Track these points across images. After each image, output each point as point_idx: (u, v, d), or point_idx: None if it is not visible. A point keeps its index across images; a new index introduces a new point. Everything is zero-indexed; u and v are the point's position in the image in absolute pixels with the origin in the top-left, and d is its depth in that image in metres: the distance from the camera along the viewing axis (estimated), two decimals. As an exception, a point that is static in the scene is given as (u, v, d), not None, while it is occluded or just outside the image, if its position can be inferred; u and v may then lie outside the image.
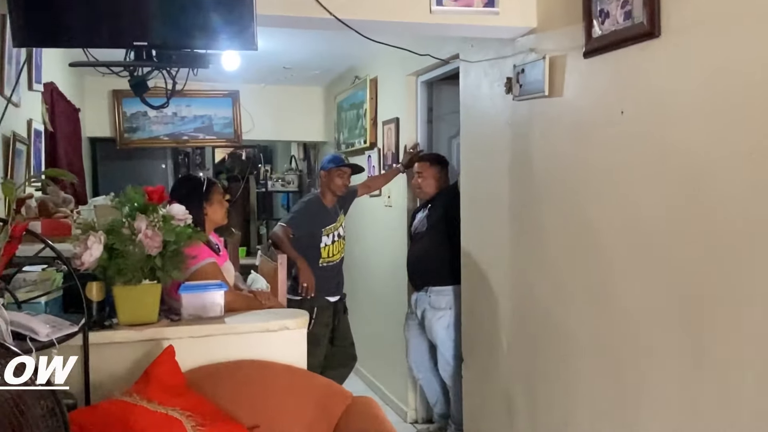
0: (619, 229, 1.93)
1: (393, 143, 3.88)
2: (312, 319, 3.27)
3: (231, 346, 1.89)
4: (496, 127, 2.63)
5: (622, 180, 1.91)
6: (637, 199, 1.85)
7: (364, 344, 3.93)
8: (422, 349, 3.32)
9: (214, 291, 1.96)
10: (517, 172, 2.51)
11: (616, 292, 1.95)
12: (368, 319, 4.30)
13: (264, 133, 5.39)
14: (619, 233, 1.93)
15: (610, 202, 1.97)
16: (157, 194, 1.85)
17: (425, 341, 3.28)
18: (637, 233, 1.85)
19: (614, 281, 1.96)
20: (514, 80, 2.43)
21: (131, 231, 1.78)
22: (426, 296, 3.19)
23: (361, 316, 4.19)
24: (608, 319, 1.99)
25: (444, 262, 3.13)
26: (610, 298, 1.98)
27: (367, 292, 4.36)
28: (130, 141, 4.93)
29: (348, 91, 4.70)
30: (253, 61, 4.18)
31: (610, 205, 1.97)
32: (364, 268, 4.46)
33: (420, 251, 3.29)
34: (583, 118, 2.08)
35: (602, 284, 2.01)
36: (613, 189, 1.95)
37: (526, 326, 2.47)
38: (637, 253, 1.85)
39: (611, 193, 1.96)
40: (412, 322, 3.33)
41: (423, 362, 3.33)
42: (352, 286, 3.99)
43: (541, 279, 2.35)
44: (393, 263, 3.88)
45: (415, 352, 3.35)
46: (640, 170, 1.83)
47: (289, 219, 3.41)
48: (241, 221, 6.05)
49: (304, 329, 2.01)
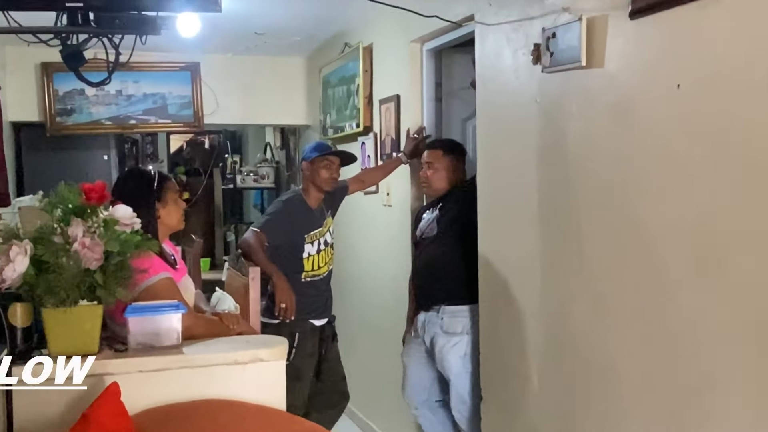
0: (677, 233, 1.93)
1: (393, 127, 3.88)
2: (293, 347, 3.28)
3: (191, 382, 1.90)
4: (520, 107, 2.63)
5: (681, 172, 1.91)
6: (699, 196, 1.85)
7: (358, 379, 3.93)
8: (423, 378, 3.32)
9: (170, 313, 1.96)
10: (547, 162, 2.51)
11: (673, 314, 1.95)
12: (363, 348, 4.30)
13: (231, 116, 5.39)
14: (676, 239, 1.93)
15: (665, 199, 1.97)
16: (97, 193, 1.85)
17: (430, 371, 3.29)
18: (701, 239, 1.85)
19: (671, 300, 1.96)
20: (543, 47, 2.44)
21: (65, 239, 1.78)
22: (437, 318, 3.19)
23: (354, 344, 4.19)
24: (663, 347, 1.99)
25: (459, 276, 3.13)
26: (665, 321, 1.98)
27: (361, 313, 4.36)
28: (63, 126, 4.93)
29: (336, 62, 4.70)
30: (217, 26, 4.18)
31: (665, 203, 1.97)
32: (357, 284, 4.46)
33: (427, 261, 3.29)
34: (630, 95, 2.09)
35: (656, 303, 2.01)
36: (669, 183, 1.95)
37: (560, 355, 2.47)
38: (700, 264, 1.85)
39: (667, 188, 1.96)
40: (416, 346, 3.33)
41: (422, 395, 3.34)
42: (343, 307, 3.99)
43: (579, 296, 2.35)
44: (394, 277, 3.88)
45: (413, 381, 3.36)
46: (702, 159, 1.83)
47: (263, 223, 3.42)
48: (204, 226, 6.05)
49: (282, 361, 2.02)
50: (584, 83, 2.28)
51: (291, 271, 3.33)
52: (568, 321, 2.42)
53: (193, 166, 6.51)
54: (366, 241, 4.41)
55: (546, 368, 2.57)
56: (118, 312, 1.98)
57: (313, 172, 3.47)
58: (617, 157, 2.15)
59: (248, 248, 3.27)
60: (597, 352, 2.27)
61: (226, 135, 7.16)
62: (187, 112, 5.17)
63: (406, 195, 3.81)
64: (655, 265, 2.01)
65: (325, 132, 4.94)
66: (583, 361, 2.34)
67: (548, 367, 2.55)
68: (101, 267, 1.80)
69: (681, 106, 1.89)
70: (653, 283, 2.02)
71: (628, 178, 2.11)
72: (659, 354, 2.00)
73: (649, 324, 2.04)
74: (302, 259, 3.41)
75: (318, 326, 3.45)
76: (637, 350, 2.09)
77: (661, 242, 1.99)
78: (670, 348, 1.97)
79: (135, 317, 1.93)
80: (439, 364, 3.20)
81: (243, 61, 5.29)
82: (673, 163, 1.94)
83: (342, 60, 4.58)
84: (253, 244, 3.27)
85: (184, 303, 2.12)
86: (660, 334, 2.00)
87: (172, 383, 1.88)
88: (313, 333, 3.42)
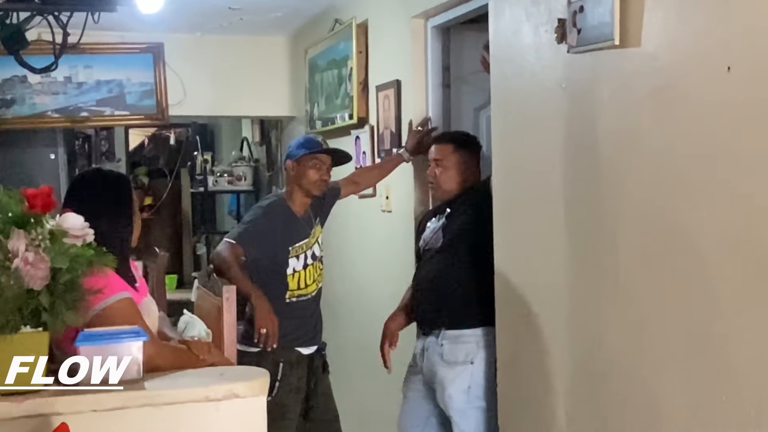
0: (729, 243, 1.93)
1: (392, 118, 3.89)
2: (276, 381, 3.28)
3: (154, 422, 1.89)
4: (543, 93, 2.63)
5: (732, 169, 1.91)
6: (755, 198, 1.85)
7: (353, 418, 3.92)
8: (421, 411, 3.33)
9: (129, 341, 1.96)
10: (575, 159, 2.52)
11: (725, 339, 1.95)
12: (359, 381, 4.30)
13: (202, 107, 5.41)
14: (728, 250, 1.93)
15: (715, 202, 1.97)
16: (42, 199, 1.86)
17: (429, 404, 3.29)
18: (758, 250, 1.85)
19: (723, 323, 1.95)
20: (568, 23, 2.44)
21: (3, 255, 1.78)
22: (436, 344, 3.19)
23: (348, 377, 4.19)
24: (714, 379, 1.98)
25: (467, 295, 3.14)
26: (715, 348, 1.98)
27: (355, 340, 4.36)
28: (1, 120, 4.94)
29: (325, 42, 4.71)
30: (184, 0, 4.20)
31: (715, 207, 1.97)
32: (350, 305, 4.46)
33: (429, 277, 3.28)
34: (671, 79, 2.09)
35: (704, 327, 2.01)
36: (721, 183, 1.95)
37: (591, 389, 2.47)
38: (759, 280, 1.86)
39: (717, 189, 1.97)
40: (415, 377, 3.34)
41: (417, 430, 3.33)
42: (335, 332, 3.99)
43: (615, 318, 2.35)
44: (394, 296, 3.87)
45: (409, 413, 3.37)
46: (757, 154, 1.83)
47: (239, 233, 3.42)
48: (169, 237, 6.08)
49: (263, 396, 2.01)
50: (617, 65, 2.28)
51: (273, 290, 3.33)
52: (601, 348, 2.42)
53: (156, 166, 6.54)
54: (361, 254, 4.41)
55: (575, 404, 2.56)
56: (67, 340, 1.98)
57: (300, 172, 3.47)
58: (657, 152, 2.15)
59: (221, 263, 3.27)
60: (634, 386, 2.26)
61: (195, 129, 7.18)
62: (148, 102, 5.18)
63: (408, 198, 3.81)
64: (704, 281, 2.01)
65: (313, 125, 4.95)
66: (618, 396, 2.34)
67: (577, 403, 2.55)
68: (47, 287, 1.79)
69: (732, 92, 1.89)
70: (701, 303, 2.02)
71: (671, 177, 2.11)
72: (709, 387, 2.00)
73: (697, 352, 2.04)
74: (286, 275, 3.41)
75: (306, 355, 3.45)
76: (682, 383, 2.09)
77: (710, 254, 1.99)
78: (721, 380, 1.96)
79: (87, 346, 1.92)
80: (439, 398, 3.20)
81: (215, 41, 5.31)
82: (723, 159, 1.94)
83: (332, 39, 4.59)
84: (228, 257, 3.27)
85: (146, 329, 2.12)
86: (710, 363, 2.00)
87: (131, 424, 1.87)
88: (300, 363, 3.42)
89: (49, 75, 4.68)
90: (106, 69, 5.08)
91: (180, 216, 6.44)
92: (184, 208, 6.42)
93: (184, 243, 6.49)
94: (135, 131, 7.08)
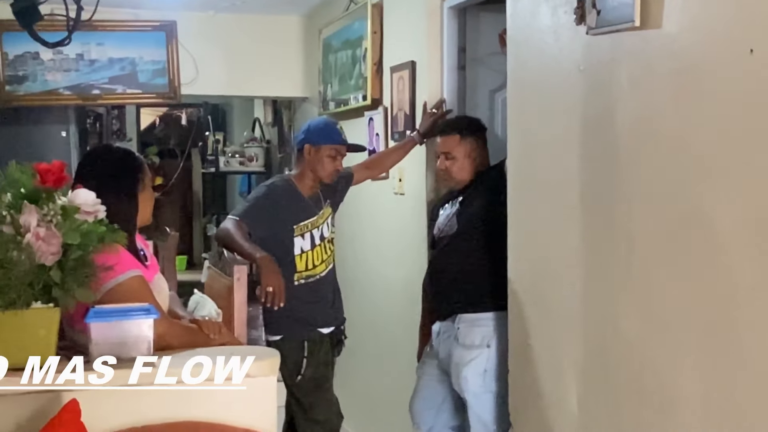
0: (751, 230, 1.92)
1: (407, 100, 3.88)
2: (303, 357, 3.38)
3: (164, 401, 1.90)
4: (561, 76, 2.62)
5: (755, 155, 1.90)
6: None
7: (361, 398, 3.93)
8: (435, 395, 3.35)
9: (140, 319, 1.97)
10: (592, 143, 2.51)
11: (744, 327, 1.94)
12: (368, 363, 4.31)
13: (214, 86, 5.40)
14: (750, 237, 1.92)
15: (735, 187, 1.96)
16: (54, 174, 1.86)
17: (443, 388, 3.32)
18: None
19: (742, 310, 1.95)
20: (588, 4, 2.43)
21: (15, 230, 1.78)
22: (453, 328, 3.21)
23: (359, 359, 4.20)
24: (732, 366, 1.98)
25: (482, 280, 3.15)
26: (734, 335, 1.97)
27: (366, 323, 4.37)
28: (13, 96, 4.95)
29: (339, 22, 4.70)
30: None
31: (735, 192, 1.96)
32: (361, 289, 4.47)
33: (444, 264, 3.30)
34: (693, 61, 2.07)
35: (722, 314, 2.00)
36: (741, 167, 1.94)
37: (605, 375, 2.47)
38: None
39: (737, 173, 1.95)
40: (431, 360, 3.36)
41: (430, 413, 3.36)
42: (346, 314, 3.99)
43: (631, 307, 2.34)
44: (406, 279, 3.88)
45: (423, 396, 3.40)
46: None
47: (243, 210, 3.42)
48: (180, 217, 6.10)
49: (273, 376, 2.02)
50: (638, 47, 2.27)
51: (281, 271, 3.33)
52: (616, 337, 2.41)
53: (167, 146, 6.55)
54: (372, 237, 4.41)
55: (588, 390, 2.56)
56: (77, 316, 1.99)
57: (316, 159, 3.48)
58: (677, 137, 2.14)
59: (226, 235, 3.29)
60: (648, 373, 2.26)
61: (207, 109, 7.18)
62: (160, 80, 5.17)
63: (421, 181, 3.80)
64: (724, 268, 2.00)
65: (326, 106, 4.94)
66: (632, 383, 2.33)
67: (590, 389, 2.55)
68: (58, 263, 1.80)
69: (754, 74, 1.88)
70: (719, 290, 2.01)
71: (690, 161, 2.09)
72: (727, 374, 2.00)
73: (715, 339, 2.03)
74: (294, 257, 3.43)
75: (326, 333, 3.54)
76: (697, 372, 2.09)
77: (730, 240, 1.98)
78: (738, 369, 1.96)
79: (98, 323, 1.93)
80: (454, 381, 3.21)
81: (228, 20, 5.29)
82: (744, 143, 1.92)
83: (346, 19, 4.58)
84: (232, 232, 3.27)
85: (157, 306, 2.13)
86: (728, 350, 1.99)
87: (141, 402, 1.89)
88: (323, 341, 3.52)
89: (61, 52, 4.69)
90: (119, 46, 5.08)
91: (191, 196, 6.45)
92: (194, 188, 6.43)
93: (195, 224, 6.50)
94: (146, 111, 7.09)
